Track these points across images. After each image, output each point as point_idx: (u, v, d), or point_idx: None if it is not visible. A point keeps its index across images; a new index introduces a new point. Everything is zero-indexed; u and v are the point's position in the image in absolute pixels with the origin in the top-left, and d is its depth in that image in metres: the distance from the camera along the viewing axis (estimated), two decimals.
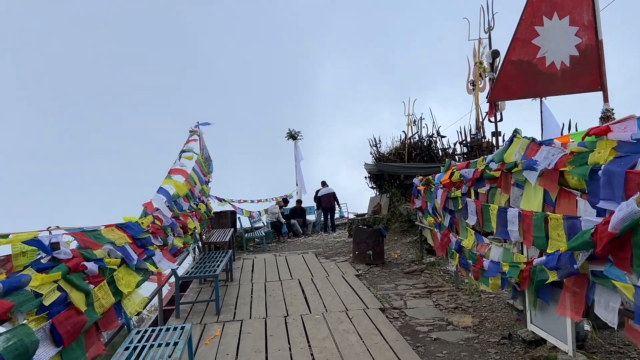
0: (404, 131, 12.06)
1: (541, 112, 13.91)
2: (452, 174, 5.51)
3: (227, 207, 12.29)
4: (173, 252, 4.62)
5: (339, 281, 6.63)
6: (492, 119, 7.48)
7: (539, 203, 3.44)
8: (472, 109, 11.85)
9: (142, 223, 4.03)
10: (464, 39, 11.06)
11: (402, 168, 10.09)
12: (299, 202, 16.08)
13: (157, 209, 4.80)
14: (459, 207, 5.30)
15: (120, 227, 3.61)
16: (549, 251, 3.09)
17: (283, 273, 7.49)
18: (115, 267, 3.10)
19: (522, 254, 3.93)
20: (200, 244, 7.35)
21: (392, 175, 10.71)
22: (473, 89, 12.06)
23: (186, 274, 5.68)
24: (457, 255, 5.25)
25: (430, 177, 6.67)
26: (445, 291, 5.83)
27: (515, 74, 4.60)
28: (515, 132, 3.88)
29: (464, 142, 10.06)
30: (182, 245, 4.95)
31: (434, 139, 11.14)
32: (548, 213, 3.17)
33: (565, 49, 4.52)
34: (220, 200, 11.28)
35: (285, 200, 15.61)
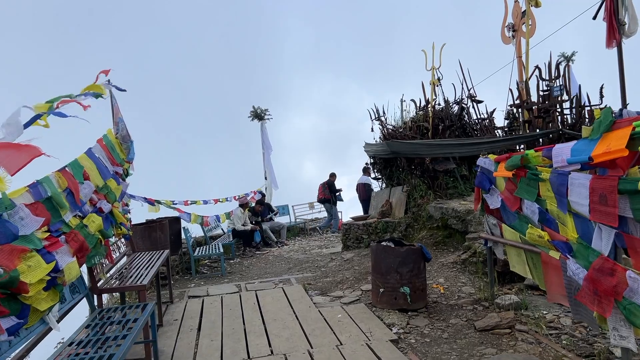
0: (419, 98, 9.15)
1: (568, 72, 10.82)
2: (635, 136, 2.64)
3: (168, 213, 9.03)
4: None
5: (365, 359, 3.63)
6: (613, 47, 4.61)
7: None
8: (513, 60, 9.13)
9: None
10: None
11: (429, 147, 7.18)
12: (263, 195, 13.12)
13: None
14: None
15: None
16: None
17: (254, 337, 4.43)
18: None
19: None
20: (93, 296, 4.11)
21: (412, 158, 7.79)
22: (513, 36, 9.33)
23: None
24: None
25: (530, 152, 3.78)
26: None
27: None
28: None
29: (526, 104, 7.21)
30: None
31: (465, 104, 8.31)
32: None
33: None
34: (152, 203, 8.02)
35: (262, 202, 12.56)
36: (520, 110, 7.36)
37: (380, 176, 9.34)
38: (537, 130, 6.91)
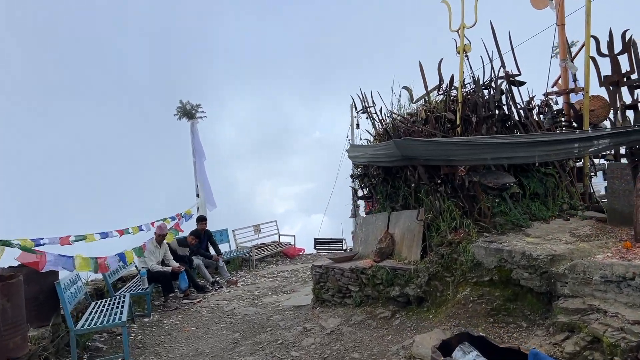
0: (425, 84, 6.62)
1: None
2: None
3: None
4: None
5: None
6: None
7: None
8: (553, 26, 6.96)
9: None
10: None
11: (470, 149, 4.62)
12: (202, 220, 9.94)
13: None
14: None
15: None
16: None
17: None
18: None
19: None
20: None
21: (435, 167, 5.21)
22: None
23: None
24: None
25: None
26: None
27: None
28: None
29: (626, 79, 4.86)
30: None
31: (500, 84, 5.90)
32: None
33: None
34: None
35: (198, 234, 9.66)
36: (614, 90, 5.01)
37: (372, 194, 6.66)
38: None
